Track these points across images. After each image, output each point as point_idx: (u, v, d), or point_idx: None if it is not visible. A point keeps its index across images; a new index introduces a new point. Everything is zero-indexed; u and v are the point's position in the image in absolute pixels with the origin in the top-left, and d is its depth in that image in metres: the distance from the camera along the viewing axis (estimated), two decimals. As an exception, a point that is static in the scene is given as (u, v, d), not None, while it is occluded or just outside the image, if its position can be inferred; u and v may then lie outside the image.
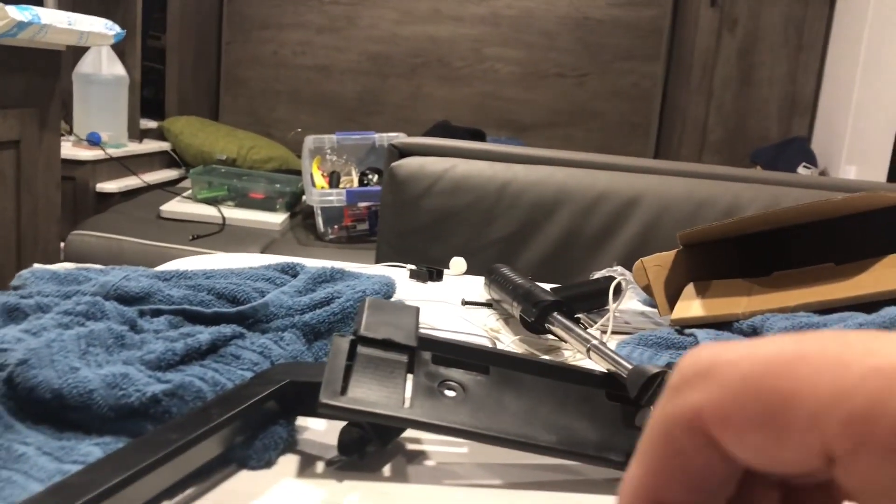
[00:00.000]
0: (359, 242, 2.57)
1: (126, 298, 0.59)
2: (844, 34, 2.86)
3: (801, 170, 2.77)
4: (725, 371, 0.15)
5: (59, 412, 0.46)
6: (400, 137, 2.70)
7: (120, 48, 2.88)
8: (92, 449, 0.43)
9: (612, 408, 0.50)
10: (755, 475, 0.16)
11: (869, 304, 0.60)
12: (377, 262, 1.61)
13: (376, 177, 2.66)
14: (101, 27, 1.94)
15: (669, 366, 0.52)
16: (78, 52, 2.77)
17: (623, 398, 0.50)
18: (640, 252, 0.99)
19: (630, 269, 0.83)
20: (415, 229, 1.55)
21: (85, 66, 2.84)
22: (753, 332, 0.62)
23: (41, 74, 1.91)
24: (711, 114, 3.05)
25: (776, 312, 0.63)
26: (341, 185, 2.70)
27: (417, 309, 0.53)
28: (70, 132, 2.80)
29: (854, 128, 2.66)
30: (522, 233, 1.51)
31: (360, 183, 2.72)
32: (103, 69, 2.85)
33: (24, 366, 0.46)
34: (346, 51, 3.56)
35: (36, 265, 0.68)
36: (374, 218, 2.55)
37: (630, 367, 0.52)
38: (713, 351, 0.15)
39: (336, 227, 2.58)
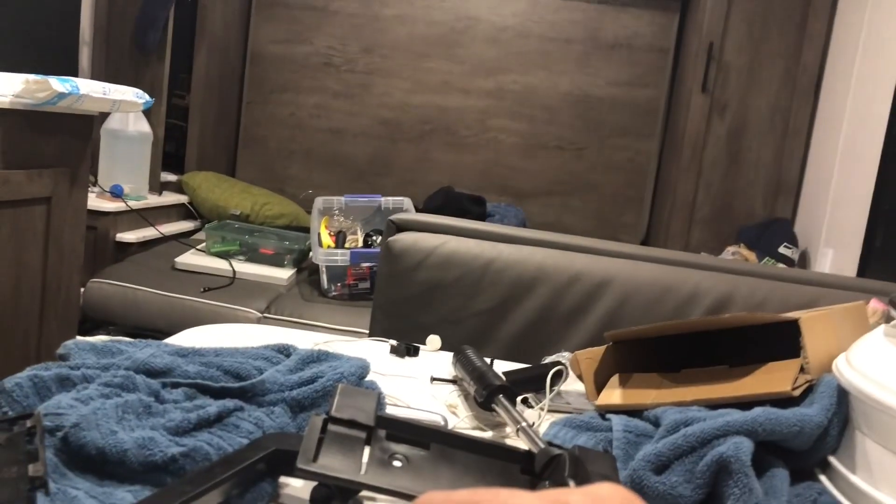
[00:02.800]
0: (360, 300, 2.72)
1: (152, 372, 0.75)
2: (826, 124, 3.04)
3: (782, 249, 2.92)
4: None
5: (100, 465, 0.61)
6: (404, 204, 2.88)
7: (147, 107, 3.08)
8: (126, 495, 0.58)
9: (523, 480, 0.65)
10: None
11: (748, 403, 0.75)
12: (371, 326, 1.76)
13: (380, 238, 2.82)
14: (133, 96, 2.11)
15: (576, 448, 0.67)
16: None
17: (532, 472, 0.65)
18: (610, 329, 1.13)
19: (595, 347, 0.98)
20: (407, 298, 1.70)
21: (113, 122, 3.03)
22: (656, 420, 0.77)
23: (75, 137, 2.06)
24: (700, 191, 3.22)
25: (675, 405, 0.78)
26: (347, 245, 2.86)
27: (378, 394, 0.68)
28: (95, 183, 2.98)
29: (832, 213, 2.82)
30: (504, 307, 1.65)
31: (365, 243, 2.89)
32: (130, 126, 3.05)
33: (76, 428, 0.61)
34: (359, 115, 3.77)
35: (78, 337, 0.83)
36: (375, 277, 2.70)
37: (542, 447, 0.67)
38: (432, 496, 0.27)
39: (339, 284, 2.74)
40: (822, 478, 0.75)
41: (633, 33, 3.58)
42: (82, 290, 2.49)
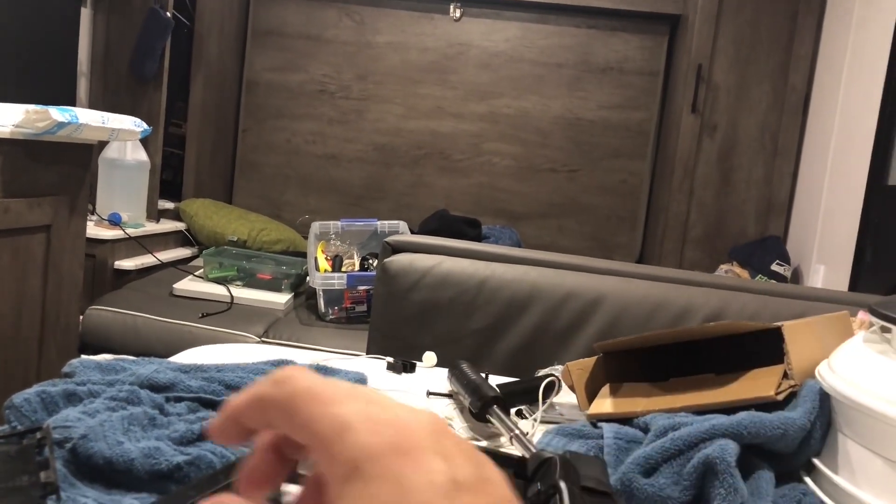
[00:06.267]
0: (357, 323, 2.74)
1: (156, 387, 0.77)
2: (815, 143, 3.09)
3: (774, 267, 2.95)
4: (285, 385, 0.29)
5: (108, 474, 0.63)
6: (399, 228, 2.91)
7: (144, 136, 3.12)
8: (133, 502, 0.60)
9: (516, 485, 0.67)
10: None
11: (734, 408, 0.77)
12: (368, 347, 1.78)
13: (376, 261, 2.84)
14: (131, 125, 2.14)
15: (567, 452, 0.69)
16: (106, 139, 2.99)
17: (524, 476, 0.67)
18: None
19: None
20: (403, 319, 1.72)
21: (111, 151, 3.06)
22: (645, 426, 0.79)
23: (74, 165, 2.09)
24: (692, 211, 3.26)
25: (664, 412, 0.80)
26: (344, 269, 2.89)
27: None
28: (93, 212, 3.01)
29: (823, 230, 2.85)
30: (499, 325, 1.68)
31: (362, 267, 2.91)
32: (127, 155, 3.08)
33: (84, 439, 0.63)
34: (354, 141, 3.81)
35: (83, 356, 0.86)
36: (372, 300, 2.72)
37: (534, 451, 0.69)
38: (290, 371, 0.30)
39: (336, 308, 2.75)
40: (808, 479, 0.77)
41: (624, 57, 3.64)
42: (81, 317, 2.51)
